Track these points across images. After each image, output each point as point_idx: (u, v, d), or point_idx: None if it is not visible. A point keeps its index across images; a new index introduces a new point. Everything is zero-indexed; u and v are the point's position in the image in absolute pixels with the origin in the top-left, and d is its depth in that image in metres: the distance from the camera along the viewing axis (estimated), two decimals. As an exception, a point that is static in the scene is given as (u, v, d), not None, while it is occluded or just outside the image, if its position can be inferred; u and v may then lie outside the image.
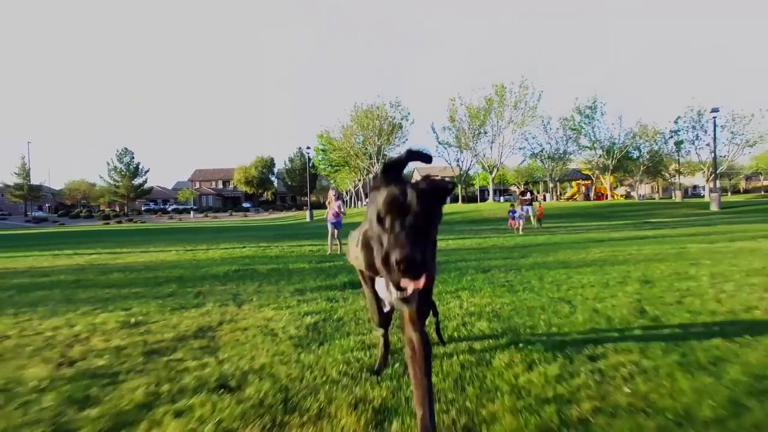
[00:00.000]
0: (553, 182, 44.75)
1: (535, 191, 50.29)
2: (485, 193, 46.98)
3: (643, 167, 42.00)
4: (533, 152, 41.79)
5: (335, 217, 8.28)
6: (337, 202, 8.41)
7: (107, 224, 41.01)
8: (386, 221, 1.14)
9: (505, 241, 9.97)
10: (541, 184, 52.97)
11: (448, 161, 42.55)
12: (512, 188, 54.67)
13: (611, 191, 42.76)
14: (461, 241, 10.39)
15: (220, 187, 72.94)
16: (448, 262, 6.10)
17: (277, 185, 71.75)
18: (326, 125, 60.15)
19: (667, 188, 55.46)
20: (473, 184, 54.04)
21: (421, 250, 1.08)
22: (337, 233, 8.20)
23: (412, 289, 1.09)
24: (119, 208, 58.98)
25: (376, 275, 1.58)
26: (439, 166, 49.59)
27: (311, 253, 8.21)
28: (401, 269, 1.07)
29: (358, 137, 43.54)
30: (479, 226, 18.25)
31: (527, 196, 15.00)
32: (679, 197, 36.07)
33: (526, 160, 44.25)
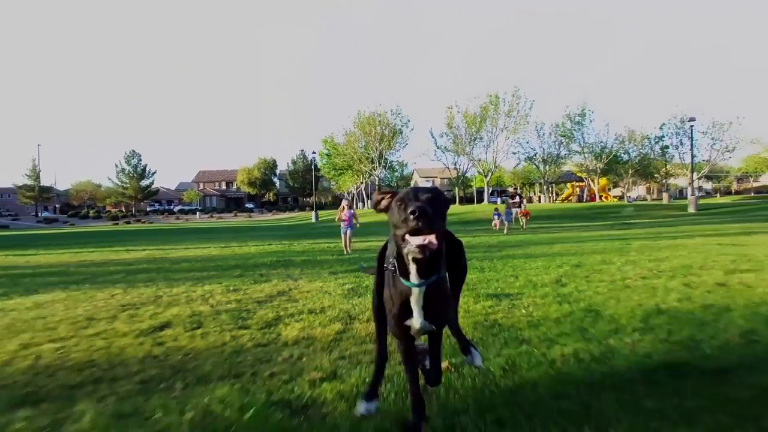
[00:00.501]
0: (547, 184, 46.81)
1: (526, 194, 52.39)
2: (482, 194, 48.94)
3: (632, 170, 44.05)
4: (527, 156, 44.01)
5: (347, 222, 9.89)
6: (349, 210, 10.02)
7: (116, 224, 42.71)
8: (402, 204, 1.32)
9: (490, 239, 11.75)
10: (537, 185, 54.91)
11: (446, 164, 44.67)
12: (509, 189, 56.59)
13: (606, 193, 44.91)
14: (454, 239, 12.12)
15: (223, 188, 74.70)
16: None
17: (279, 186, 73.42)
18: (331, 131, 62.61)
19: (661, 190, 57.35)
20: (471, 185, 56.11)
21: (431, 212, 1.24)
22: (350, 233, 9.88)
23: (424, 241, 1.22)
24: (125, 208, 60.76)
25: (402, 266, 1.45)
26: (438, 167, 51.55)
27: (329, 248, 9.94)
28: (415, 217, 1.22)
29: (360, 142, 45.61)
30: (472, 226, 20.01)
31: (516, 199, 16.83)
32: (666, 199, 37.97)
33: (520, 163, 46.53)
